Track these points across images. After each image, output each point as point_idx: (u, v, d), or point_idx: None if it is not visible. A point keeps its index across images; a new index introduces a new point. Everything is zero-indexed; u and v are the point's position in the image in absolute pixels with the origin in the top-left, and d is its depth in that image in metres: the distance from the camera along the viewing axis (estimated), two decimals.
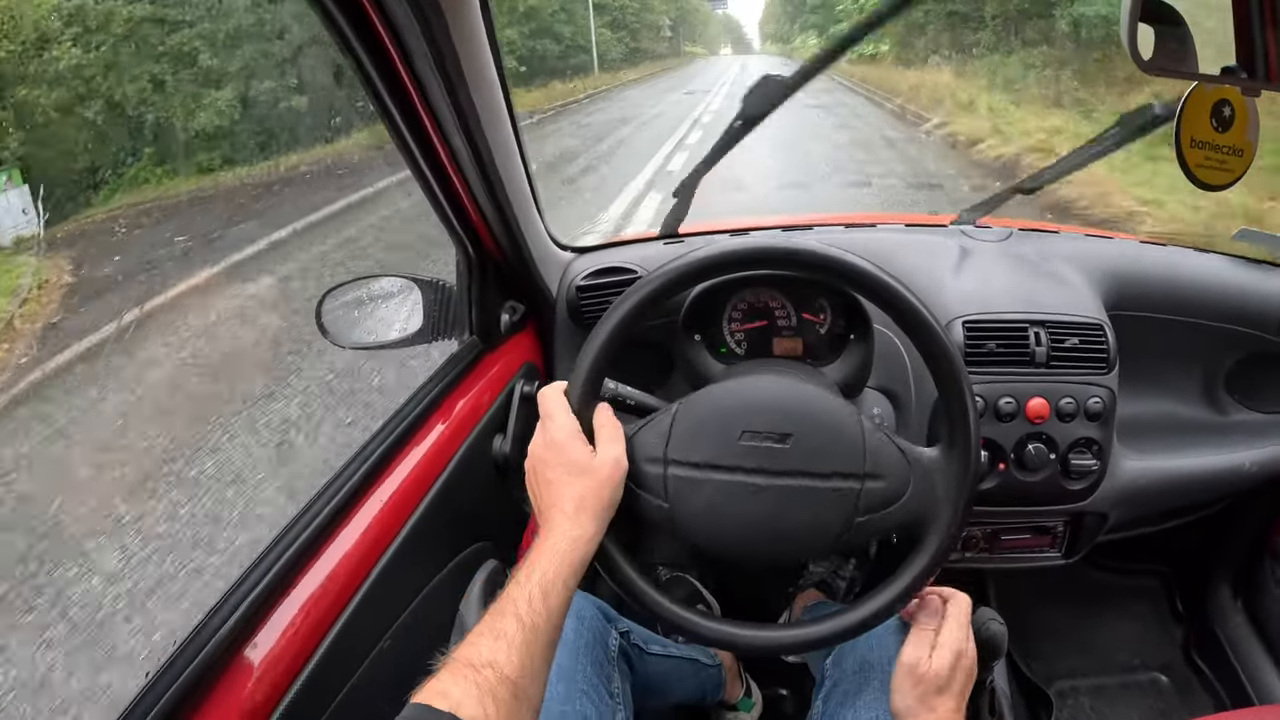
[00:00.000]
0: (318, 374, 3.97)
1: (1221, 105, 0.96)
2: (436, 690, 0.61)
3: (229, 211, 8.98)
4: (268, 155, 10.34)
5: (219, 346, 4.76)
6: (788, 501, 0.81)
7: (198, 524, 2.97)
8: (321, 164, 10.39)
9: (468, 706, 0.60)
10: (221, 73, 10.34)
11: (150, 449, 3.54)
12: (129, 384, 4.25)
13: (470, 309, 1.27)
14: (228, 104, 10.17)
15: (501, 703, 0.62)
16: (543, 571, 0.73)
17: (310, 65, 9.78)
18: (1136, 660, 1.75)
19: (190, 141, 9.80)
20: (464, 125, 1.00)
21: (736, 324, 1.28)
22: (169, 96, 9.88)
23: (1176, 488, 1.36)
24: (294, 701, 0.78)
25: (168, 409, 3.91)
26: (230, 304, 5.46)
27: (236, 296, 5.61)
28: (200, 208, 9.56)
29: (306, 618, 0.83)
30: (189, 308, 5.36)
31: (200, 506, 3.08)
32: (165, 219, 9.05)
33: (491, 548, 1.22)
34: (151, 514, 3.07)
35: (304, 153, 10.66)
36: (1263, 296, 1.39)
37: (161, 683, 0.71)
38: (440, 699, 0.60)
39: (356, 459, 1.02)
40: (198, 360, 4.50)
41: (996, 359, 1.21)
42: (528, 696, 0.66)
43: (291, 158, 10.53)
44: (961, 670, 0.86)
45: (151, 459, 3.45)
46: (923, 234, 1.49)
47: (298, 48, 9.68)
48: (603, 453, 0.81)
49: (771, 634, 0.87)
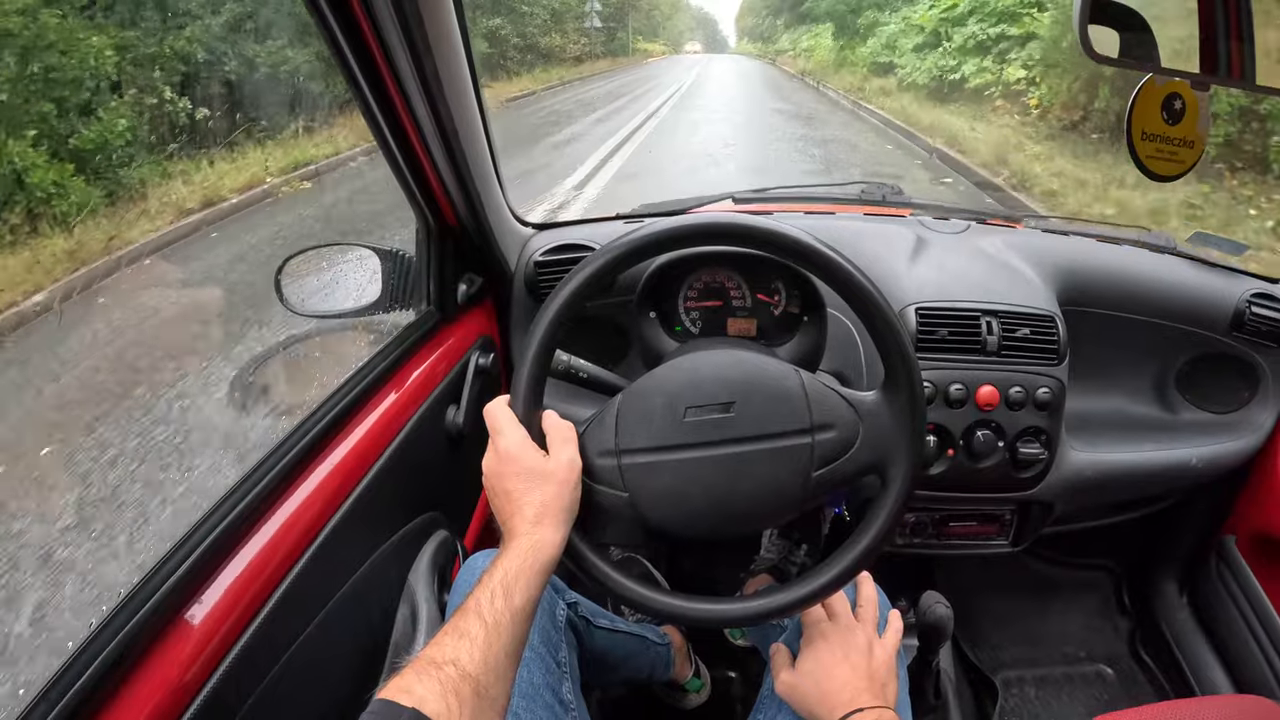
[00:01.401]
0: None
1: (1173, 99, 0.97)
2: (400, 687, 0.62)
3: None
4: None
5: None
6: (743, 469, 0.82)
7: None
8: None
9: (430, 703, 0.61)
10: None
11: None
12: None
13: (428, 280, 1.26)
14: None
15: (464, 700, 0.63)
16: (505, 571, 0.74)
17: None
18: (1082, 652, 1.79)
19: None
20: (428, 93, 1.00)
21: (692, 303, 1.28)
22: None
23: (1124, 481, 1.38)
24: (233, 665, 0.78)
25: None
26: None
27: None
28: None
29: (250, 582, 0.82)
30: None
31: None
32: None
33: (442, 518, 1.22)
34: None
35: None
36: (1214, 298, 1.41)
37: (96, 644, 0.70)
38: (404, 695, 0.61)
39: (306, 424, 1.01)
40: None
41: (948, 346, 1.22)
42: (490, 695, 0.66)
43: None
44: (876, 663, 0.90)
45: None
46: (881, 223, 1.51)
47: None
48: (556, 455, 0.81)
49: (754, 603, 0.87)
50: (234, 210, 6.18)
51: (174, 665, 0.74)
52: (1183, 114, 0.99)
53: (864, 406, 0.84)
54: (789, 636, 1.07)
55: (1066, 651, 1.78)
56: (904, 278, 1.29)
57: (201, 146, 6.87)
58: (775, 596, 0.85)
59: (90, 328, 4.12)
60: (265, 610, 0.83)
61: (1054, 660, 1.77)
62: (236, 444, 2.96)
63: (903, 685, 1.00)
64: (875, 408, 0.85)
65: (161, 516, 2.64)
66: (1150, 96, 0.97)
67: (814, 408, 0.83)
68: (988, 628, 1.80)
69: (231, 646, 0.79)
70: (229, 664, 0.78)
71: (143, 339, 4.06)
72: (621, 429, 0.83)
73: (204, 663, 0.76)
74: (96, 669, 0.69)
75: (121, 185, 5.58)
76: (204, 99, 7.23)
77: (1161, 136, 0.99)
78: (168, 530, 2.57)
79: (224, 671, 0.77)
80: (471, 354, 1.31)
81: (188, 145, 6.74)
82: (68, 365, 3.82)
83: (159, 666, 0.73)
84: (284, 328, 3.25)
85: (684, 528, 0.85)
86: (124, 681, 0.71)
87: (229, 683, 0.77)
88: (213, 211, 5.97)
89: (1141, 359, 1.48)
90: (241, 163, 6.96)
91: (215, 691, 0.75)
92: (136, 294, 4.57)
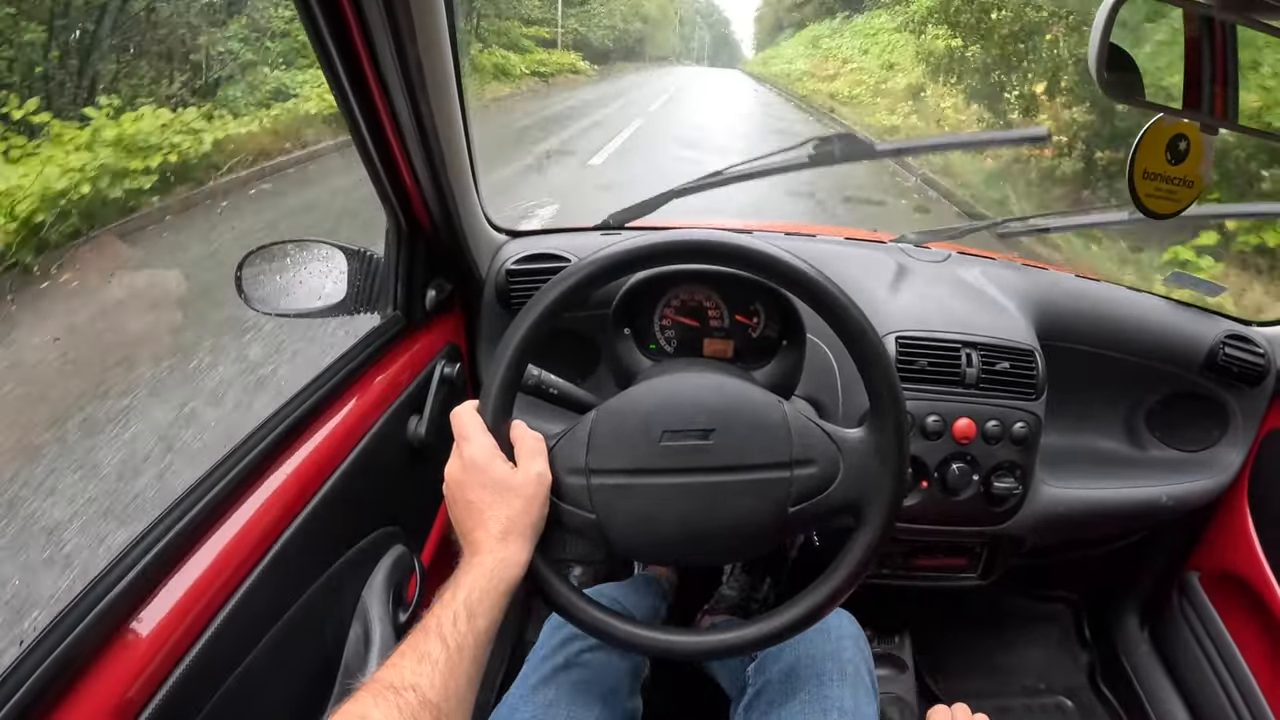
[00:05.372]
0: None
1: (1178, 139, 0.97)
2: (355, 713, 0.59)
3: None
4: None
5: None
6: (718, 499, 0.80)
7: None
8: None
9: None
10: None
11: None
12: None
13: (396, 282, 1.22)
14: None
15: None
16: (469, 590, 0.70)
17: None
18: (1042, 684, 1.79)
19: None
20: (409, 89, 0.96)
21: (668, 321, 1.26)
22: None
23: (1094, 516, 1.38)
24: (179, 683, 0.73)
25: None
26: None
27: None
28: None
29: (200, 593, 0.78)
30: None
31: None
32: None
33: (401, 533, 1.17)
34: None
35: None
36: (1189, 338, 1.42)
37: (34, 656, 0.66)
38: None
39: (261, 430, 0.96)
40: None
41: (927, 377, 1.21)
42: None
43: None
44: None
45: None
46: (862, 248, 1.50)
47: None
48: (525, 468, 0.78)
49: (720, 637, 0.85)
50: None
51: (118, 680, 0.69)
52: (1186, 154, 0.99)
53: (846, 443, 0.83)
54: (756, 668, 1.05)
55: (1026, 683, 1.79)
56: (885, 305, 1.28)
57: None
58: (739, 632, 0.84)
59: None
60: (214, 624, 0.78)
61: (1014, 691, 1.77)
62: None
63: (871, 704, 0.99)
64: (858, 445, 0.83)
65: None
66: (1157, 136, 0.97)
67: (795, 441, 0.81)
68: (949, 657, 1.80)
69: (178, 661, 0.74)
70: (175, 680, 0.73)
71: None
72: (594, 447, 0.81)
73: (149, 678, 0.71)
74: (34, 683, 0.64)
75: None
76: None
77: (1162, 175, 0.99)
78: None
79: (169, 688, 0.72)
80: (437, 362, 1.26)
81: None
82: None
83: (101, 682, 0.69)
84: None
85: (651, 554, 0.84)
86: (64, 697, 0.67)
87: (174, 700, 0.73)
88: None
89: (1115, 395, 1.49)
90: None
91: (160, 709, 0.71)
92: None
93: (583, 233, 1.47)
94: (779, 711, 0.96)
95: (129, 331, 3.39)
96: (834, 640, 1.03)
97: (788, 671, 0.99)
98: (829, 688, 0.96)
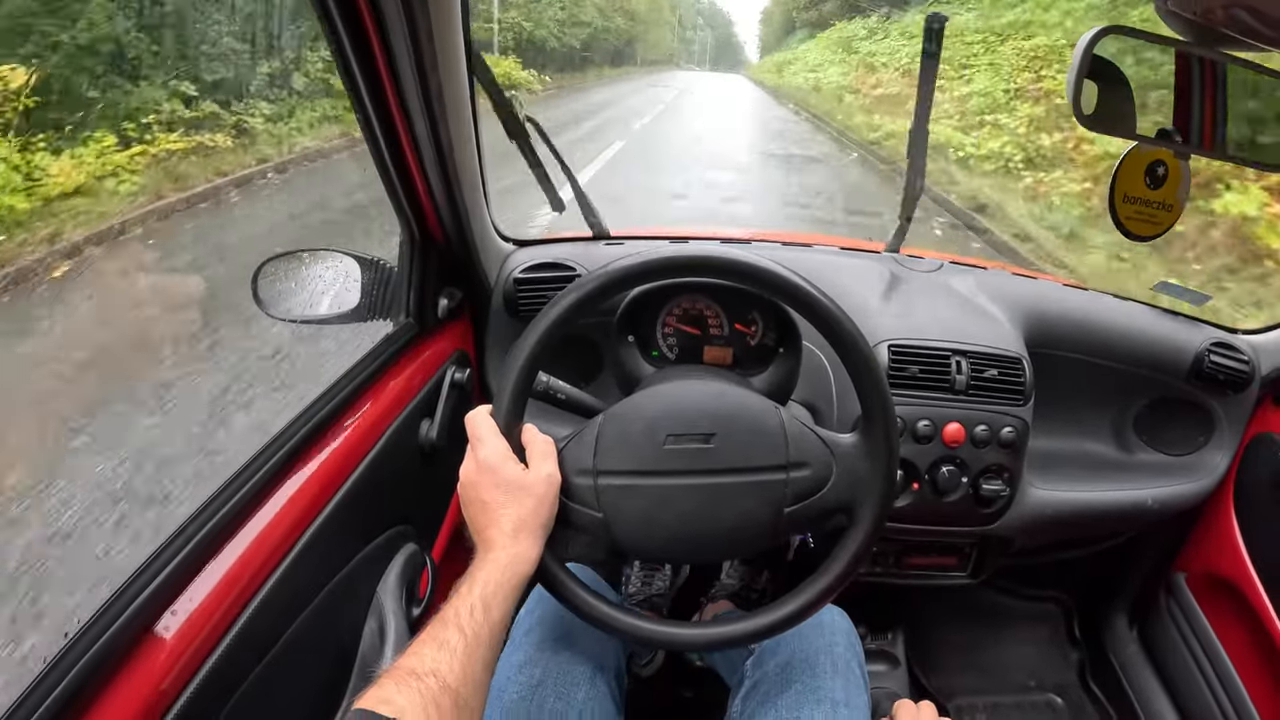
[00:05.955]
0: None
1: (1156, 165, 1.01)
2: (380, 697, 0.61)
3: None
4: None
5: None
6: (718, 499, 0.84)
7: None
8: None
9: (411, 713, 0.60)
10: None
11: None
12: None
13: (409, 291, 1.26)
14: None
15: (444, 711, 0.63)
16: (484, 584, 0.74)
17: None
18: (1033, 681, 1.83)
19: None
20: (429, 109, 1.00)
21: (670, 329, 1.29)
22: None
23: (1081, 518, 1.42)
24: (206, 678, 0.77)
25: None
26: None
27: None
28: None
29: (224, 593, 0.82)
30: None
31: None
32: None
33: (412, 532, 1.21)
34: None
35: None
36: (1175, 345, 1.46)
37: (69, 657, 0.69)
38: (384, 706, 0.60)
39: (282, 435, 1.00)
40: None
41: (918, 383, 1.25)
42: (469, 707, 0.66)
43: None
44: None
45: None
46: (856, 258, 1.53)
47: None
48: (535, 470, 0.82)
49: (719, 629, 0.89)
50: None
51: (148, 678, 0.73)
52: (1165, 179, 1.03)
53: (839, 447, 0.87)
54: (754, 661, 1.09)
55: (1018, 680, 1.82)
56: (878, 314, 1.32)
57: None
58: (736, 624, 0.88)
59: None
60: (239, 623, 0.83)
61: (1005, 689, 1.81)
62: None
63: (861, 695, 1.03)
64: (850, 449, 0.87)
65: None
66: (1136, 162, 1.01)
67: (791, 445, 0.85)
68: (941, 655, 1.83)
69: (205, 659, 0.78)
70: (202, 676, 0.77)
71: None
72: (601, 450, 0.85)
73: (178, 675, 0.75)
74: (71, 681, 0.68)
75: None
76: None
77: (1142, 199, 1.03)
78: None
79: (197, 684, 0.76)
80: (447, 368, 1.30)
81: None
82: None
83: (133, 679, 0.73)
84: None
85: (655, 552, 0.87)
86: (98, 695, 0.71)
87: (201, 695, 0.77)
88: None
89: (1102, 401, 1.52)
90: None
91: (188, 704, 0.75)
92: None
93: (587, 242, 1.51)
94: (774, 702, 1.00)
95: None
96: (828, 636, 1.07)
97: (784, 665, 1.04)
98: (822, 680, 1.01)
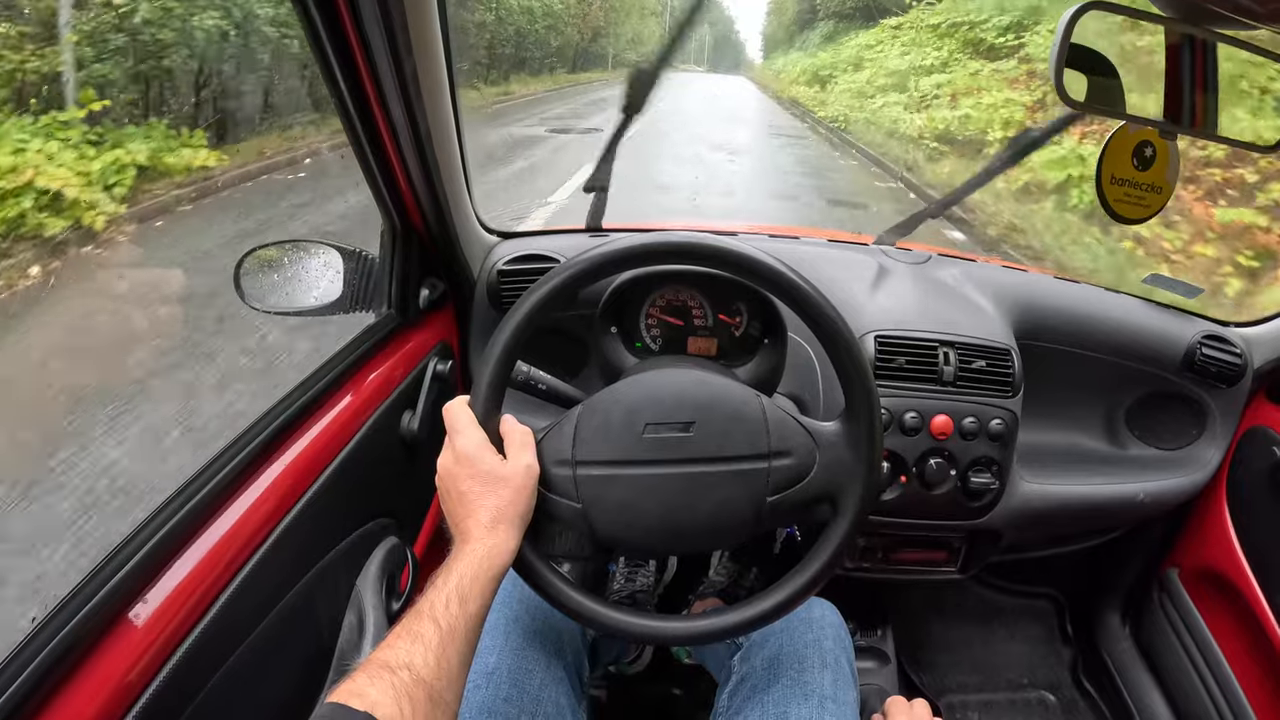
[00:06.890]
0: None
1: (1144, 145, 1.00)
2: (352, 690, 0.61)
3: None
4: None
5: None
6: (698, 489, 0.82)
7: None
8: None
9: (384, 707, 0.59)
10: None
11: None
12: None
13: (390, 282, 1.25)
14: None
15: (418, 704, 0.62)
16: (460, 576, 0.73)
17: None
18: (1025, 679, 1.82)
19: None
20: (405, 95, 0.99)
21: (653, 320, 1.28)
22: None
23: (1071, 512, 1.41)
24: (178, 667, 0.76)
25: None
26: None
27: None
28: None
29: (197, 582, 0.81)
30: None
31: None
32: None
33: (393, 525, 1.20)
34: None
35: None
36: (1167, 338, 1.45)
37: (36, 642, 0.68)
38: (356, 699, 0.60)
39: (259, 423, 0.99)
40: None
41: (906, 374, 1.24)
42: (444, 700, 0.65)
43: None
44: None
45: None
46: (844, 250, 1.52)
47: None
48: (514, 460, 0.81)
49: (703, 622, 0.87)
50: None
51: (117, 665, 0.72)
52: (1153, 160, 1.01)
53: (822, 436, 0.85)
54: (741, 656, 1.07)
55: (1010, 678, 1.81)
56: (865, 305, 1.31)
57: None
58: (722, 617, 0.86)
59: None
60: (211, 612, 0.81)
61: (998, 686, 1.79)
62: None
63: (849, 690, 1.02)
64: (833, 438, 0.86)
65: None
66: (1122, 143, 0.99)
67: (773, 434, 0.83)
68: (933, 653, 1.82)
69: (176, 648, 0.77)
70: (173, 665, 0.76)
71: None
72: (579, 439, 0.83)
73: (147, 664, 0.74)
74: (38, 665, 0.67)
75: None
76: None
77: (1130, 181, 1.01)
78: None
79: (168, 673, 0.75)
80: (430, 359, 1.29)
81: None
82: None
83: (102, 666, 0.72)
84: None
85: (635, 542, 0.85)
86: (64, 682, 0.69)
87: (172, 685, 0.76)
88: None
89: (1093, 394, 1.51)
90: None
91: (159, 693, 0.74)
92: None
93: (571, 234, 1.50)
94: (761, 697, 0.99)
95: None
96: (816, 630, 1.06)
97: (771, 659, 1.02)
98: (810, 674, 1.00)
